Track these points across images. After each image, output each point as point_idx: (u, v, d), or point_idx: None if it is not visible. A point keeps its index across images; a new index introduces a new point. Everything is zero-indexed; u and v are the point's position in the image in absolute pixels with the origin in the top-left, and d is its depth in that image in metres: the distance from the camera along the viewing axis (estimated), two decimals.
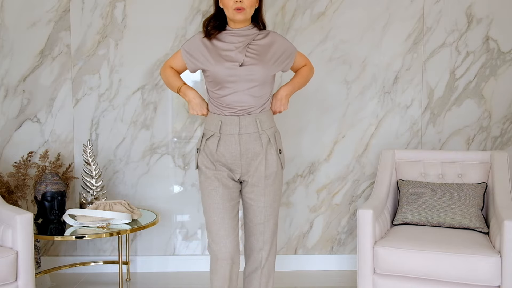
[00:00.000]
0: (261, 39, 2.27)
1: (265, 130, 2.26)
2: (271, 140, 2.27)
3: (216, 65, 2.20)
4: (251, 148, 2.23)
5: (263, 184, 2.27)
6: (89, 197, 3.11)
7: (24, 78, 3.36)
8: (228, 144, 2.23)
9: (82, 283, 3.26)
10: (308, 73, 2.48)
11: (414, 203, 2.86)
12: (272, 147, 2.27)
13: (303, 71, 2.45)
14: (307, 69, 2.47)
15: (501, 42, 3.32)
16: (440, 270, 2.42)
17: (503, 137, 3.38)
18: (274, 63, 2.27)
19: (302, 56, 2.46)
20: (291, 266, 3.45)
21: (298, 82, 2.42)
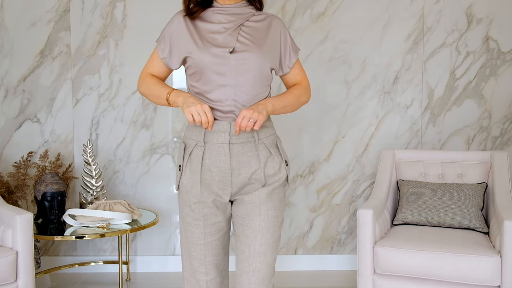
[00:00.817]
0: (257, 21, 1.79)
1: (262, 139, 1.75)
2: (273, 151, 1.77)
3: (199, 51, 1.71)
4: (245, 162, 1.72)
5: (258, 201, 1.75)
6: (89, 197, 3.11)
7: (24, 78, 3.36)
8: (215, 157, 1.72)
9: (82, 283, 3.26)
10: (302, 94, 1.85)
11: (414, 203, 2.86)
12: (274, 159, 1.77)
13: (296, 90, 1.85)
14: (301, 88, 1.86)
15: (501, 42, 3.32)
16: (440, 270, 2.42)
17: (503, 137, 3.38)
18: (272, 53, 1.78)
19: (301, 69, 1.89)
20: (291, 266, 3.45)
21: (286, 99, 1.80)
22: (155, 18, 3.32)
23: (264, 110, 1.69)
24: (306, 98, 1.88)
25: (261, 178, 1.74)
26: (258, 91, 1.75)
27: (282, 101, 1.79)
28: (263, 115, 1.67)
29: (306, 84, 1.89)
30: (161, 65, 1.83)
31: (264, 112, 1.69)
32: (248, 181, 1.74)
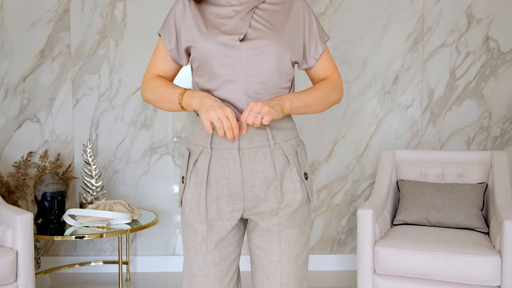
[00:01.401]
0: (275, 3, 1.49)
1: (280, 144, 1.45)
2: (291, 158, 1.45)
3: (203, 39, 1.42)
4: (259, 171, 1.43)
5: (278, 226, 1.46)
6: (89, 197, 3.11)
7: (24, 78, 3.36)
8: (223, 165, 1.44)
9: (82, 283, 3.26)
10: (331, 91, 1.53)
11: (414, 203, 2.86)
12: (293, 170, 1.46)
13: (323, 85, 1.53)
14: (330, 84, 1.54)
15: (501, 42, 3.32)
16: (440, 270, 2.42)
17: (503, 137, 3.38)
18: (294, 41, 1.47)
19: (330, 61, 1.56)
20: None
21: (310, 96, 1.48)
22: (155, 18, 3.32)
23: (278, 106, 1.38)
24: (336, 96, 1.54)
25: (277, 193, 1.44)
26: (275, 89, 1.45)
27: (304, 99, 1.45)
28: (275, 110, 1.36)
29: (337, 80, 1.55)
30: (168, 60, 1.53)
31: (278, 108, 1.37)
32: (264, 195, 1.44)
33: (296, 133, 1.53)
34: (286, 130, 1.48)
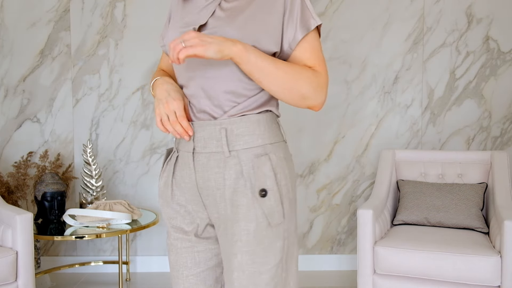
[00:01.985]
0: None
1: (238, 151, 1.24)
2: (245, 170, 1.23)
3: (167, 32, 1.34)
4: (211, 179, 1.26)
5: (232, 236, 1.27)
6: (89, 197, 3.11)
7: (24, 78, 3.36)
8: (183, 169, 1.31)
9: (82, 283, 3.26)
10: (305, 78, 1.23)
11: (414, 203, 2.86)
12: (246, 184, 1.23)
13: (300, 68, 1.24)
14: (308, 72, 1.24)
15: (501, 42, 3.32)
16: (440, 270, 2.42)
17: (503, 137, 3.38)
18: (263, 26, 1.23)
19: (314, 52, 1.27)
20: None
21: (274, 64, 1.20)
22: (155, 18, 3.32)
23: (217, 44, 1.13)
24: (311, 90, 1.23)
25: (227, 208, 1.26)
26: (240, 84, 1.24)
27: (265, 61, 1.18)
28: (209, 47, 1.12)
29: (320, 75, 1.25)
30: (165, 56, 1.45)
31: (215, 46, 1.12)
32: (222, 207, 1.28)
33: (266, 141, 1.26)
34: (250, 136, 1.24)
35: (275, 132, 1.29)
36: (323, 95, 1.26)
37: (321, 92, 1.26)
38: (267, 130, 1.27)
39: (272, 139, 1.28)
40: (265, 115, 1.28)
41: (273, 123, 1.30)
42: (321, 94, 1.26)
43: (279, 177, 1.25)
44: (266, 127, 1.28)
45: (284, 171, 1.27)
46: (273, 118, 1.31)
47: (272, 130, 1.28)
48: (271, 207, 1.23)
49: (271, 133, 1.28)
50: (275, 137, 1.29)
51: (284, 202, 1.26)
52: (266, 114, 1.28)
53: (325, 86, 1.27)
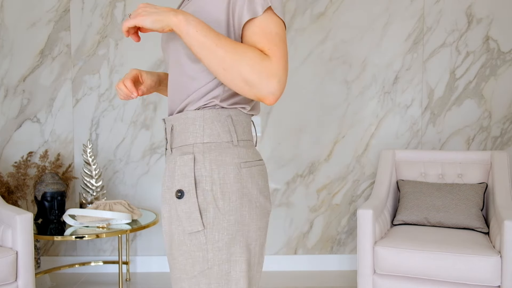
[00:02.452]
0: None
1: (173, 149, 1.21)
2: (171, 168, 1.18)
3: None
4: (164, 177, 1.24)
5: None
6: (89, 197, 3.11)
7: (24, 78, 3.36)
8: None
9: (82, 283, 3.26)
10: (249, 59, 1.07)
11: (414, 203, 2.86)
12: (169, 184, 1.19)
13: (246, 48, 1.09)
14: (256, 52, 1.08)
15: (501, 42, 3.32)
16: (440, 270, 2.42)
17: (503, 137, 3.38)
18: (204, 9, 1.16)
19: (262, 34, 1.11)
20: (291, 266, 3.45)
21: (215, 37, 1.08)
22: None
23: (160, 14, 1.09)
24: (251, 72, 1.07)
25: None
26: (181, 75, 1.19)
27: (207, 34, 1.08)
28: (148, 16, 1.09)
29: (269, 59, 1.08)
30: None
31: (155, 16, 1.09)
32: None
33: (198, 139, 1.16)
34: (184, 134, 1.18)
35: (217, 131, 1.16)
36: (273, 84, 1.07)
37: (269, 80, 1.07)
38: (204, 128, 1.16)
39: (207, 138, 1.16)
40: (206, 112, 1.16)
41: (216, 121, 1.17)
42: (269, 82, 1.07)
43: (202, 181, 1.13)
44: (204, 124, 1.16)
45: (213, 175, 1.13)
46: (219, 115, 1.17)
47: (212, 129, 1.16)
48: (186, 211, 1.13)
49: (210, 131, 1.16)
50: (214, 136, 1.16)
51: (207, 210, 1.12)
52: (207, 111, 1.16)
53: (275, 75, 1.08)
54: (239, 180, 1.15)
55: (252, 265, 1.18)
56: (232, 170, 1.15)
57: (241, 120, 1.20)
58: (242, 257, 1.15)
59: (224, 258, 1.14)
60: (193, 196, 1.13)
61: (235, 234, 1.14)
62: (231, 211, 1.14)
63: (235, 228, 1.14)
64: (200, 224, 1.12)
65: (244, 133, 1.20)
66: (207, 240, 1.13)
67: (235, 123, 1.18)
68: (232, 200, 1.14)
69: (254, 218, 1.17)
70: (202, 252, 1.14)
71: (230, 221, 1.13)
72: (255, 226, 1.18)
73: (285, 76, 1.09)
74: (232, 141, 1.17)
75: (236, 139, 1.17)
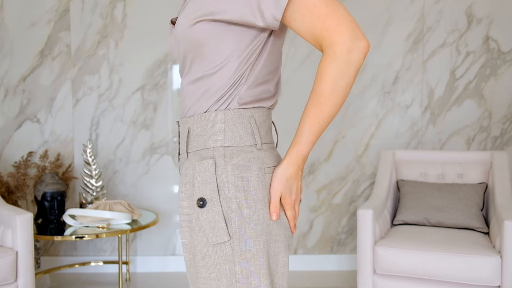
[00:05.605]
0: None
1: (190, 153, 1.13)
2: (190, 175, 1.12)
3: None
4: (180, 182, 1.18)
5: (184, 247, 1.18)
6: (89, 197, 3.11)
7: (24, 78, 3.36)
8: None
9: (82, 283, 3.26)
10: (330, 78, 1.01)
11: (414, 203, 2.86)
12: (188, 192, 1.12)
13: (317, 86, 1.03)
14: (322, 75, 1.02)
15: (501, 42, 3.32)
16: (440, 270, 2.42)
17: (503, 137, 3.38)
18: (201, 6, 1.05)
19: (314, 12, 1.00)
20: (291, 266, 3.45)
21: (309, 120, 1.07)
22: (155, 18, 3.32)
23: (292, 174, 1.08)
24: (343, 76, 1.00)
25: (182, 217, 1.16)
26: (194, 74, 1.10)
27: (307, 132, 1.07)
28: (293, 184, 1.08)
29: (332, 40, 0.99)
30: None
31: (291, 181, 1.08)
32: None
33: (218, 143, 1.08)
34: (201, 137, 1.10)
35: (239, 134, 1.09)
36: (357, 40, 0.98)
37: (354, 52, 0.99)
38: (225, 131, 1.09)
39: (228, 142, 1.08)
40: (227, 113, 1.08)
41: (238, 123, 1.09)
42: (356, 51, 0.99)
43: (224, 187, 1.06)
44: (225, 126, 1.09)
45: (236, 181, 1.06)
46: (241, 116, 1.09)
47: (234, 131, 1.09)
48: (209, 221, 1.06)
49: (231, 134, 1.08)
50: (236, 139, 1.09)
51: (232, 219, 1.05)
52: (228, 112, 1.08)
53: (349, 44, 0.98)
54: (264, 187, 1.08)
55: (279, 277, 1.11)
56: (256, 176, 1.07)
57: (264, 121, 1.13)
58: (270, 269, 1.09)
59: (253, 270, 1.06)
60: (217, 205, 1.05)
61: (263, 245, 1.07)
62: (257, 220, 1.06)
63: (263, 238, 1.07)
64: (226, 234, 1.05)
65: (267, 136, 1.13)
66: (233, 252, 1.06)
67: (259, 124, 1.11)
68: (258, 208, 1.07)
69: (281, 227, 1.10)
70: (229, 265, 1.06)
71: (257, 231, 1.06)
72: (284, 235, 1.10)
73: (351, 26, 0.98)
74: (255, 144, 1.09)
75: (260, 142, 1.10)
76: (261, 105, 1.12)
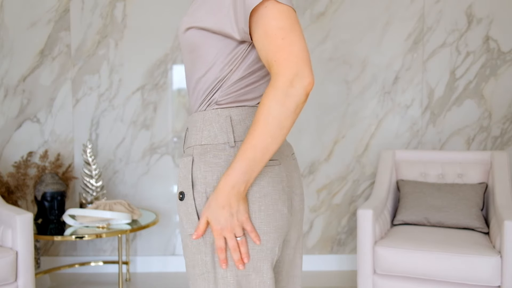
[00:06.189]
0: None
1: (185, 150, 1.20)
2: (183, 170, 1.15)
3: None
4: None
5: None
6: (89, 197, 3.11)
7: (24, 78, 3.36)
8: None
9: (82, 283, 3.26)
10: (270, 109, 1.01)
11: (414, 203, 2.86)
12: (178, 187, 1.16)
13: (259, 111, 1.02)
14: (266, 98, 1.02)
15: (501, 42, 3.32)
16: (440, 270, 2.42)
17: (503, 137, 3.38)
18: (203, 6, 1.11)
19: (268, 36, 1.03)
20: None
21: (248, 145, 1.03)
22: (155, 18, 3.32)
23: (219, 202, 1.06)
24: (281, 108, 1.00)
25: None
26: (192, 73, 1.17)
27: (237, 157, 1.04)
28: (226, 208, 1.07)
29: (277, 73, 1.00)
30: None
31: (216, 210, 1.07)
32: None
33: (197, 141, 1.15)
34: (189, 136, 1.18)
35: (214, 133, 1.13)
36: (297, 87, 0.99)
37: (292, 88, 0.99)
38: (203, 130, 1.14)
39: (205, 140, 1.13)
40: (206, 113, 1.15)
41: (215, 122, 1.14)
42: (292, 89, 0.99)
43: (197, 183, 1.11)
44: (203, 126, 1.15)
45: (207, 177, 1.10)
46: (218, 116, 1.13)
47: (210, 130, 1.13)
48: (185, 213, 1.12)
49: (207, 133, 1.14)
50: (211, 138, 1.13)
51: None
52: (208, 112, 1.14)
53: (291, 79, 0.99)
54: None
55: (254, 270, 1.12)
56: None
57: (243, 119, 1.14)
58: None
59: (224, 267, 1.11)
60: (191, 198, 1.11)
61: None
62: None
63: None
64: (187, 226, 1.13)
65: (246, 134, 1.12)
66: (204, 242, 1.11)
67: (235, 123, 1.13)
68: None
69: (257, 223, 1.11)
70: (201, 255, 1.12)
71: None
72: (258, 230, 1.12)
73: (302, 63, 1.00)
74: (228, 142, 1.12)
75: (233, 140, 1.12)
76: (243, 104, 1.15)
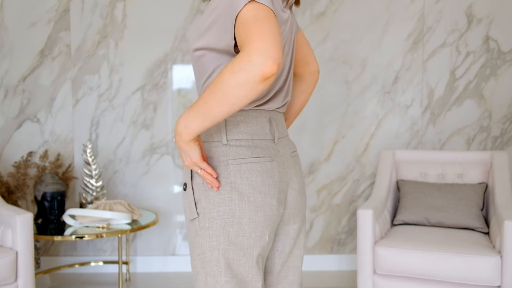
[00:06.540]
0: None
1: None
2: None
3: None
4: None
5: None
6: (89, 197, 3.11)
7: (24, 78, 3.36)
8: None
9: (82, 283, 3.26)
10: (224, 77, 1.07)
11: (414, 203, 2.86)
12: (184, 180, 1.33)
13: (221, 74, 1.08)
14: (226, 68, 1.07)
15: (501, 42, 3.32)
16: (440, 270, 2.42)
17: (503, 137, 3.38)
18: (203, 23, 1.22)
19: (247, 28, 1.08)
20: None
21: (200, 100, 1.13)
22: (155, 18, 3.32)
23: (178, 144, 1.20)
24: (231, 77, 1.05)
25: None
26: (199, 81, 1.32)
27: (195, 109, 1.13)
28: (181, 152, 1.22)
29: (241, 54, 1.05)
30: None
31: (179, 145, 1.20)
32: None
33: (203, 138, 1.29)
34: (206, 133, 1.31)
35: (210, 132, 1.28)
36: (257, 61, 1.02)
37: (251, 63, 1.02)
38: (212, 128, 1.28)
39: (203, 138, 1.30)
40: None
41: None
42: (252, 65, 1.02)
43: (195, 175, 1.28)
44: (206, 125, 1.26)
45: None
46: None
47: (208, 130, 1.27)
48: (187, 201, 1.29)
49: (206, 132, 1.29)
50: (208, 136, 1.29)
51: (200, 200, 1.26)
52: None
53: (253, 54, 1.03)
54: (226, 176, 1.24)
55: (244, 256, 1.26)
56: (218, 166, 1.25)
57: (239, 120, 1.27)
58: (230, 247, 1.24)
59: (214, 245, 1.24)
60: (190, 188, 1.28)
61: (224, 224, 1.24)
62: (220, 202, 1.24)
63: (225, 218, 1.24)
64: (195, 212, 1.26)
65: (239, 133, 1.27)
66: (200, 227, 1.26)
67: (229, 125, 1.27)
68: (221, 193, 1.24)
69: (247, 212, 1.24)
70: (197, 238, 1.27)
71: (219, 212, 1.24)
72: (248, 219, 1.24)
73: (266, 44, 1.03)
74: (220, 140, 1.27)
75: (225, 139, 1.26)
76: None
